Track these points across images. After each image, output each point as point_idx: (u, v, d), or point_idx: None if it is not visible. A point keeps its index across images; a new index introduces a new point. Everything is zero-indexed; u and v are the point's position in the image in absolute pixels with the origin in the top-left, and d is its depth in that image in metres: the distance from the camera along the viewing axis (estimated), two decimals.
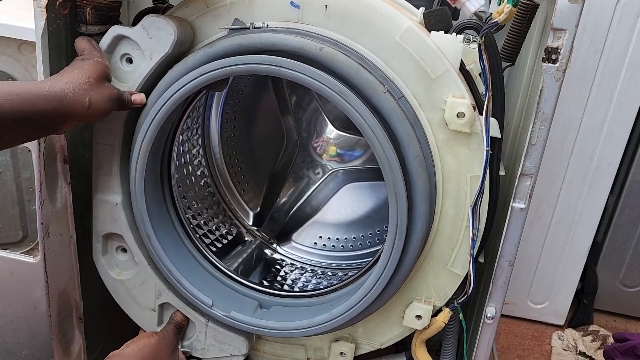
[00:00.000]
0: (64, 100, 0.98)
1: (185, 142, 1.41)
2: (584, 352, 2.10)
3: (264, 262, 1.53)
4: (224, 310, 1.23)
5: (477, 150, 1.06)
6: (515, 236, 1.11)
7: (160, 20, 1.06)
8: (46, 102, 0.96)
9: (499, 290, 1.16)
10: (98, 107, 1.03)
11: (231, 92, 1.50)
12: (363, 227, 1.56)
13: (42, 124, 0.98)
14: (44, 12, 1.07)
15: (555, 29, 0.97)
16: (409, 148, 1.03)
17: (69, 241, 1.21)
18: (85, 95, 1.00)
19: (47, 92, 0.96)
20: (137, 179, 1.16)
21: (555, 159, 1.97)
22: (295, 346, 1.33)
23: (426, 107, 1.06)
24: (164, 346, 1.22)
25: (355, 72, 1.01)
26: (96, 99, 1.02)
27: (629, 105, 1.87)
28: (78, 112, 1.00)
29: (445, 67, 1.03)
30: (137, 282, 1.29)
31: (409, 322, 1.20)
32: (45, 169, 1.15)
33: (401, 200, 1.03)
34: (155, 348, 1.19)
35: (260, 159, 1.59)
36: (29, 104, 0.94)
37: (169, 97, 1.08)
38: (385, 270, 1.08)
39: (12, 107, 0.92)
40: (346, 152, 1.55)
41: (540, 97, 1.01)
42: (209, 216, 1.48)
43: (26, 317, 1.26)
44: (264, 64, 1.02)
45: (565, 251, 2.12)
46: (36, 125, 0.98)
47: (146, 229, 1.20)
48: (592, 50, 1.81)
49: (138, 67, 1.10)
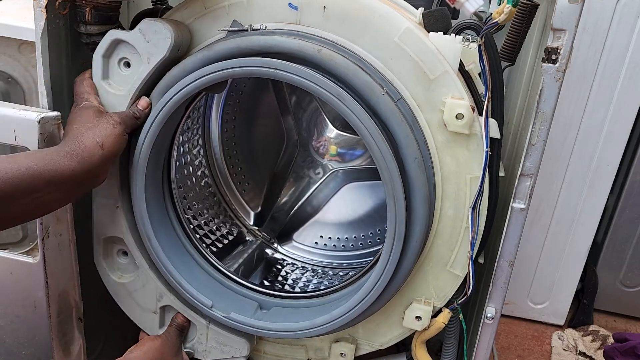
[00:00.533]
0: (80, 158, 1.01)
1: (186, 143, 1.41)
2: (584, 352, 2.10)
3: (265, 262, 1.53)
4: (223, 311, 1.23)
5: (476, 151, 1.06)
6: (515, 236, 1.11)
7: (157, 24, 1.05)
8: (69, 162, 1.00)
9: (499, 291, 1.16)
10: (111, 141, 1.05)
11: (231, 92, 1.50)
12: (364, 227, 1.56)
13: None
14: (43, 12, 1.06)
15: (555, 29, 0.97)
16: (407, 150, 1.03)
17: (68, 242, 1.21)
18: (94, 140, 1.03)
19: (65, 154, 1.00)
20: (137, 181, 1.16)
21: (555, 159, 1.97)
22: (295, 347, 1.33)
23: (425, 108, 1.06)
24: (168, 348, 1.23)
25: (354, 73, 1.01)
26: (104, 135, 1.05)
27: (629, 105, 1.87)
28: (99, 159, 1.04)
29: (444, 68, 1.03)
30: (138, 285, 1.29)
31: (409, 323, 1.20)
32: None
33: (399, 203, 1.03)
34: (160, 351, 1.20)
35: (260, 159, 1.59)
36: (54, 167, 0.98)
37: (168, 100, 1.08)
38: (385, 271, 1.08)
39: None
40: (346, 152, 1.55)
41: (540, 97, 1.01)
42: (210, 216, 1.48)
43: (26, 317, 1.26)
44: (262, 66, 1.02)
45: (565, 251, 2.12)
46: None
47: (146, 230, 1.20)
48: (592, 50, 1.81)
49: (136, 71, 1.10)
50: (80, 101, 1.10)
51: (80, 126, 1.05)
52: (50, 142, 1.15)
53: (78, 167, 1.00)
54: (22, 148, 1.08)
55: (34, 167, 0.94)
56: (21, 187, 0.92)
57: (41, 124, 1.07)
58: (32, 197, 0.95)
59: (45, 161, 0.96)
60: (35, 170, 0.94)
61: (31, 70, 1.52)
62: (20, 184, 0.92)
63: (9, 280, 1.24)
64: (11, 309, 1.27)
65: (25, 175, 0.93)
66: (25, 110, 1.08)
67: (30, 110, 1.09)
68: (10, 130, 1.08)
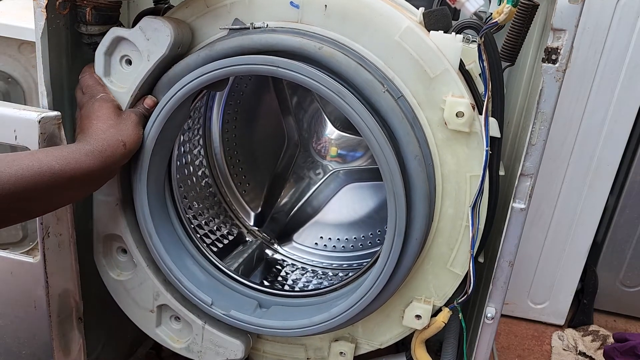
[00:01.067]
0: (104, 156, 1.02)
1: (186, 143, 1.41)
2: (584, 352, 2.09)
3: (264, 263, 1.53)
4: (223, 309, 1.23)
5: (476, 149, 1.06)
6: (515, 236, 1.11)
7: (157, 22, 1.06)
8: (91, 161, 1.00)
9: (499, 290, 1.16)
10: (132, 140, 1.08)
11: (232, 92, 1.50)
12: (364, 228, 1.56)
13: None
14: (44, 12, 1.07)
15: (555, 29, 0.97)
16: (408, 148, 1.03)
17: (69, 241, 1.21)
18: (118, 139, 1.05)
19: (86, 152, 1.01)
20: (140, 177, 1.16)
21: (555, 159, 1.97)
22: (295, 346, 1.33)
23: (425, 106, 1.06)
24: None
25: (354, 71, 1.01)
26: (127, 135, 1.07)
27: (629, 105, 1.87)
28: (120, 157, 1.06)
29: (445, 67, 1.03)
30: (135, 283, 1.29)
31: (408, 321, 1.20)
32: None
33: (400, 200, 1.03)
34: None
35: (261, 160, 1.59)
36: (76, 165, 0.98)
37: (171, 97, 1.09)
38: (384, 269, 1.08)
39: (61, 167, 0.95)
40: (347, 153, 1.55)
41: (540, 97, 1.01)
42: (210, 216, 1.48)
43: (26, 317, 1.26)
44: (263, 64, 1.02)
45: (565, 251, 2.11)
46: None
47: (147, 227, 1.20)
48: (592, 50, 1.81)
49: (137, 69, 1.11)
50: (96, 92, 1.10)
51: (101, 123, 1.05)
52: (51, 141, 1.15)
53: (101, 165, 1.01)
54: (23, 148, 1.08)
55: (56, 166, 0.94)
56: (41, 185, 0.93)
57: (41, 124, 1.07)
58: (52, 193, 0.96)
59: (67, 160, 0.96)
60: (56, 169, 0.94)
61: (31, 70, 1.53)
62: (41, 181, 0.92)
63: (9, 280, 1.24)
64: (11, 309, 1.27)
65: (46, 173, 0.93)
66: (26, 110, 1.08)
67: (30, 110, 1.09)
68: (10, 130, 1.08)
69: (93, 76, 1.12)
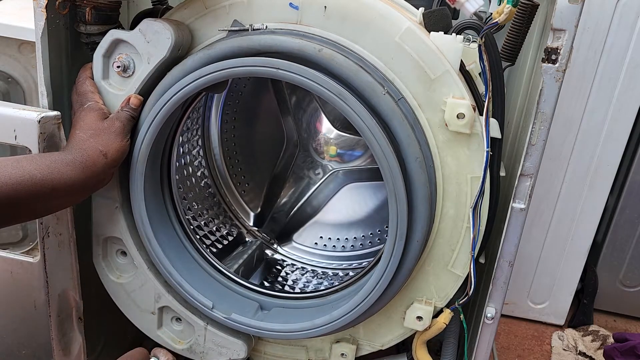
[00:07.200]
0: (84, 167, 1.01)
1: (185, 143, 1.41)
2: (584, 352, 2.10)
3: (264, 263, 1.53)
4: (224, 312, 1.23)
5: (477, 151, 1.06)
6: (515, 236, 1.11)
7: (157, 24, 1.05)
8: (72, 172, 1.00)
9: (499, 291, 1.16)
10: (114, 150, 1.06)
11: (231, 92, 1.50)
12: (364, 227, 1.56)
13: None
14: (43, 12, 1.06)
15: (555, 29, 0.97)
16: (408, 149, 1.03)
17: (68, 241, 1.21)
18: (97, 150, 1.04)
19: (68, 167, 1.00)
20: (136, 181, 1.16)
21: (555, 159, 1.97)
22: (296, 347, 1.33)
23: (426, 108, 1.06)
24: None
25: (354, 73, 1.01)
26: (108, 145, 1.05)
27: (629, 105, 1.87)
28: (102, 167, 1.04)
29: (445, 68, 1.02)
30: (136, 285, 1.29)
31: (410, 323, 1.20)
32: None
33: (401, 202, 1.03)
34: None
35: (260, 160, 1.59)
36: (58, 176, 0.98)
37: (168, 99, 1.08)
38: (386, 272, 1.08)
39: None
40: (346, 152, 1.55)
41: (540, 97, 1.01)
42: (210, 217, 1.48)
43: (26, 317, 1.26)
44: (263, 66, 1.02)
45: (565, 251, 2.12)
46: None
47: (146, 230, 1.20)
48: (592, 50, 1.81)
49: (136, 72, 1.10)
50: (85, 101, 1.09)
51: (82, 133, 1.04)
52: (51, 141, 1.15)
53: (81, 175, 1.01)
54: (22, 148, 1.08)
55: (37, 175, 0.94)
56: (23, 193, 0.92)
57: (41, 124, 1.07)
58: (34, 201, 0.96)
59: (50, 169, 0.96)
60: (38, 178, 0.94)
61: (31, 70, 1.53)
62: (23, 190, 0.92)
63: (9, 280, 1.24)
64: (11, 309, 1.27)
65: (28, 182, 0.93)
66: (25, 110, 1.08)
67: (30, 110, 1.09)
68: (10, 130, 1.08)
69: (86, 82, 1.11)
